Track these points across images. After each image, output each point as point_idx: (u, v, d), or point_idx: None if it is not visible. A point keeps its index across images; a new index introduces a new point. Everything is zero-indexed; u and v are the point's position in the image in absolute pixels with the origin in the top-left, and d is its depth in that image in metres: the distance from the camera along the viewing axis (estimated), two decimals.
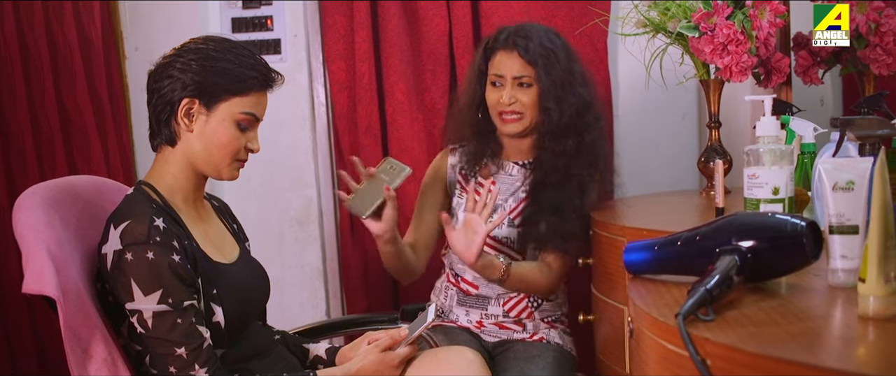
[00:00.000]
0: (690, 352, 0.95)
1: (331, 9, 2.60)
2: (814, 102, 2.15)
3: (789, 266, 1.14)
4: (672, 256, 1.21)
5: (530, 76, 1.95)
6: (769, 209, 1.26)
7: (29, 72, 2.48)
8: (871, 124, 1.27)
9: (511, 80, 1.97)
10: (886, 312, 0.97)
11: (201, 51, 1.53)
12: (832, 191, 1.13)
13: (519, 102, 1.97)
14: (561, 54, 1.96)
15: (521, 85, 1.96)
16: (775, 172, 1.26)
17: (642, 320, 1.11)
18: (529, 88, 1.96)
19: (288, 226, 2.74)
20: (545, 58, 1.94)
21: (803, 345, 0.90)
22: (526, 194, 2.03)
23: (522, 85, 1.96)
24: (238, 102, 1.53)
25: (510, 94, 1.96)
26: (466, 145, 2.10)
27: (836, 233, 1.13)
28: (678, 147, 2.65)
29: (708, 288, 1.03)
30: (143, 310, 1.43)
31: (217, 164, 1.56)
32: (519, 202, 2.03)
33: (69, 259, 1.47)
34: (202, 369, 1.44)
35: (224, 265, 1.58)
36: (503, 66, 1.97)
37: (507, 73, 1.96)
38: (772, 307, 1.06)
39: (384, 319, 2.05)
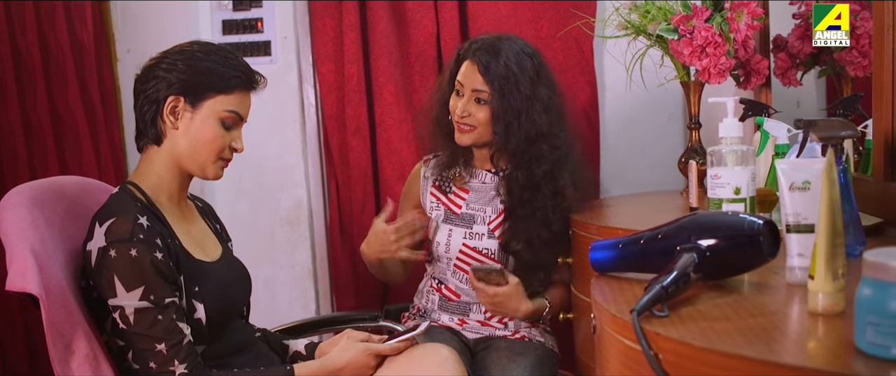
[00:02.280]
0: (643, 347, 0.98)
1: (320, 11, 2.63)
2: (793, 103, 2.18)
3: (747, 264, 1.16)
4: (635, 254, 1.24)
5: (487, 94, 1.94)
6: (731, 209, 1.29)
7: (21, 73, 2.50)
8: (832, 126, 1.30)
9: (470, 93, 1.96)
10: (834, 308, 1.00)
11: (186, 52, 1.58)
12: (789, 191, 1.15)
13: (472, 116, 1.96)
14: (524, 79, 1.93)
15: (479, 100, 1.96)
16: (737, 172, 1.28)
17: (603, 317, 1.14)
18: (485, 105, 1.95)
19: (278, 225, 2.77)
20: (504, 80, 1.92)
21: (749, 340, 0.93)
22: (503, 205, 2.04)
23: (479, 100, 1.95)
24: (222, 100, 1.57)
25: (464, 106, 1.96)
26: (439, 155, 2.12)
27: (793, 232, 1.16)
28: (664, 148, 2.67)
29: (664, 286, 1.06)
30: (125, 306, 1.46)
31: (202, 162, 1.59)
32: (498, 213, 2.05)
33: (52, 257, 1.50)
34: (181, 365, 1.47)
35: (206, 263, 1.61)
36: (465, 76, 1.97)
37: (467, 85, 1.97)
38: (726, 303, 1.09)
39: (365, 317, 2.07)
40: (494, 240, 2.02)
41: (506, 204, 2.02)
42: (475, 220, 2.05)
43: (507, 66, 1.92)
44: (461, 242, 2.04)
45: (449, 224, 2.06)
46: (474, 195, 2.07)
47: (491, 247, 2.02)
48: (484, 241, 2.03)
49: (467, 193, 2.07)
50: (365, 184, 2.65)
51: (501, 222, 2.03)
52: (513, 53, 1.95)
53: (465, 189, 2.07)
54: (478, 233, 2.03)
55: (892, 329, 0.83)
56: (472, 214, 2.06)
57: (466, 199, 2.07)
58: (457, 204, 2.07)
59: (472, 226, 2.04)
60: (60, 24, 2.52)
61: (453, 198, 2.08)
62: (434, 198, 2.11)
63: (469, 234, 2.04)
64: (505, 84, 1.92)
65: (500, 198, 2.04)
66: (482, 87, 1.94)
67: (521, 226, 1.98)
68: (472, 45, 2.00)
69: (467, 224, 2.05)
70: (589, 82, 2.61)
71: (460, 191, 2.08)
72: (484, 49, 1.96)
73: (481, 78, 1.94)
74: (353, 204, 2.67)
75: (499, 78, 1.92)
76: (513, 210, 2.00)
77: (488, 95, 1.94)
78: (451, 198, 2.08)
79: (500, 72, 1.92)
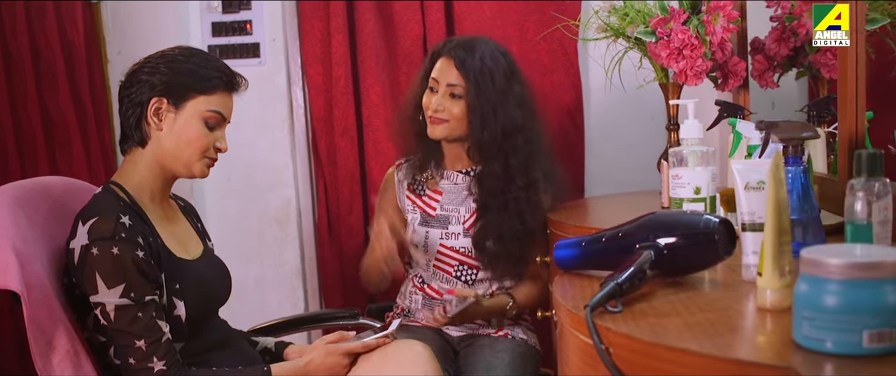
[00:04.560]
0: (594, 341, 1.01)
1: (308, 13, 2.67)
2: (770, 105, 2.21)
3: (703, 262, 1.20)
4: (597, 252, 1.27)
5: (462, 88, 1.99)
6: (691, 208, 1.31)
7: (11, 74, 2.53)
8: (793, 127, 1.33)
9: (444, 87, 2.01)
10: (782, 304, 1.03)
11: (167, 56, 1.63)
12: (744, 191, 1.18)
13: (447, 111, 2.00)
14: (499, 75, 1.99)
15: (453, 95, 2.00)
16: (698, 173, 1.31)
17: (561, 313, 1.17)
18: (459, 99, 1.99)
19: (267, 225, 2.80)
20: (480, 74, 1.97)
21: (696, 335, 0.96)
22: (476, 203, 2.08)
23: (454, 95, 2.00)
24: (204, 101, 1.61)
25: (439, 101, 2.00)
26: (411, 159, 2.16)
27: (748, 231, 1.19)
28: (648, 148, 2.69)
29: (618, 282, 1.09)
30: (105, 303, 1.49)
31: (187, 161, 1.62)
32: (471, 212, 2.08)
33: (35, 255, 1.53)
34: (160, 362, 1.51)
35: (187, 261, 1.64)
36: (440, 72, 2.02)
37: (442, 80, 2.01)
38: (680, 300, 1.12)
39: (345, 314, 2.11)
40: (469, 239, 2.06)
41: (479, 200, 2.06)
42: (450, 221, 2.08)
43: (483, 61, 1.98)
44: (438, 243, 2.08)
45: (425, 226, 2.10)
46: (447, 196, 2.11)
47: (467, 245, 2.06)
48: (460, 240, 2.07)
49: (441, 195, 2.10)
50: (352, 184, 2.68)
51: (475, 221, 2.06)
52: (487, 51, 2.01)
53: (437, 191, 2.11)
54: (454, 233, 2.07)
55: (827, 323, 0.86)
56: (446, 215, 2.09)
57: (440, 201, 2.11)
58: (431, 206, 2.11)
59: (447, 227, 2.08)
60: (51, 25, 2.55)
61: (427, 201, 2.12)
62: (410, 202, 2.14)
63: (445, 234, 2.08)
64: (480, 78, 1.97)
65: (472, 197, 2.08)
66: (457, 82, 1.99)
67: (494, 220, 2.02)
68: (446, 44, 2.05)
69: (443, 224, 2.09)
70: (573, 84, 2.64)
71: (434, 192, 2.12)
72: (459, 46, 2.02)
73: (457, 72, 1.99)
74: (340, 204, 2.70)
75: (475, 72, 1.97)
76: (486, 204, 2.04)
77: (463, 90, 1.99)
78: (425, 200, 2.12)
79: (476, 66, 1.97)
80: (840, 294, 0.85)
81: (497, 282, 2.10)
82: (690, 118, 1.34)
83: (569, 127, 2.67)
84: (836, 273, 0.85)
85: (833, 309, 0.85)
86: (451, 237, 2.07)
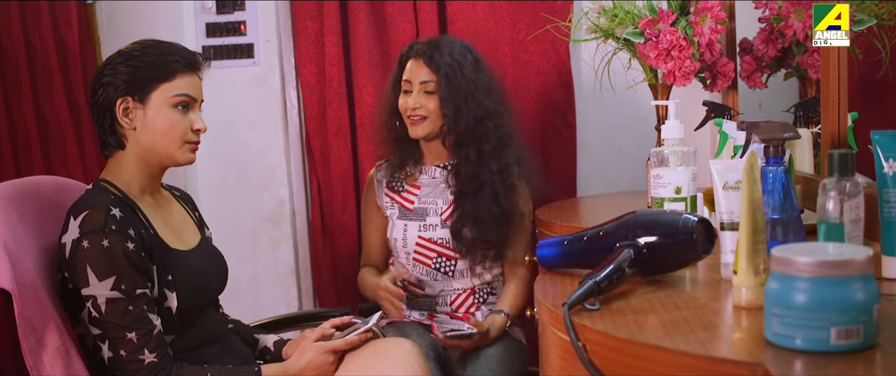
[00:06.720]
0: (571, 338, 1.02)
1: (302, 14, 2.69)
2: (759, 106, 2.22)
3: (682, 260, 1.21)
4: (579, 251, 1.29)
5: (433, 83, 2.06)
6: (672, 207, 1.33)
7: (5, 74, 2.53)
8: (774, 128, 1.34)
9: (418, 86, 2.08)
10: (756, 302, 1.04)
11: (124, 53, 1.63)
12: (723, 190, 1.20)
13: (424, 107, 2.07)
14: (468, 67, 2.08)
15: (427, 92, 2.07)
16: (679, 173, 1.33)
17: (542, 311, 1.19)
18: (433, 95, 2.07)
19: (261, 225, 2.82)
20: (449, 68, 2.05)
21: (669, 332, 0.97)
22: (453, 196, 2.12)
23: (428, 92, 2.07)
24: (168, 87, 1.61)
25: (416, 99, 2.08)
26: (390, 159, 2.21)
27: (727, 230, 1.21)
28: (640, 148, 2.71)
29: (596, 281, 1.11)
30: (97, 296, 1.51)
31: (168, 150, 1.62)
32: (448, 203, 2.12)
33: (25, 253, 1.55)
34: (151, 354, 1.52)
35: (181, 252, 1.65)
36: (411, 73, 2.10)
37: (415, 79, 2.09)
38: (658, 297, 1.13)
39: (336, 314, 2.11)
40: (447, 230, 2.10)
41: (455, 189, 2.11)
42: (428, 213, 2.13)
43: (451, 55, 2.07)
44: (417, 235, 2.12)
45: (404, 220, 2.14)
46: (426, 189, 2.16)
47: (444, 236, 2.10)
48: (438, 231, 2.11)
49: (419, 189, 2.16)
50: (346, 184, 2.70)
51: (453, 211, 2.10)
52: (453, 47, 2.10)
53: (416, 185, 2.16)
54: (432, 224, 2.11)
55: (796, 320, 0.87)
56: (424, 208, 2.14)
57: (418, 195, 2.15)
58: (409, 200, 2.15)
59: (425, 219, 2.12)
60: (45, 25, 2.55)
61: (406, 195, 2.17)
62: (388, 199, 2.19)
63: (423, 227, 2.12)
64: (450, 71, 2.06)
65: (450, 189, 2.12)
66: (429, 78, 2.07)
67: (470, 205, 2.07)
68: (412, 47, 2.14)
69: (421, 217, 2.13)
70: (565, 84, 2.66)
71: (412, 187, 2.17)
72: (425, 46, 2.11)
73: (427, 69, 2.07)
74: (334, 203, 2.71)
75: (444, 65, 2.06)
76: (462, 191, 2.09)
77: (435, 85, 2.07)
78: (403, 195, 2.17)
79: (445, 61, 2.06)
80: (809, 291, 0.87)
81: (476, 278, 2.13)
82: (671, 119, 1.35)
83: (561, 127, 2.68)
84: (805, 271, 0.87)
85: (802, 306, 0.87)
86: (429, 229, 2.11)
